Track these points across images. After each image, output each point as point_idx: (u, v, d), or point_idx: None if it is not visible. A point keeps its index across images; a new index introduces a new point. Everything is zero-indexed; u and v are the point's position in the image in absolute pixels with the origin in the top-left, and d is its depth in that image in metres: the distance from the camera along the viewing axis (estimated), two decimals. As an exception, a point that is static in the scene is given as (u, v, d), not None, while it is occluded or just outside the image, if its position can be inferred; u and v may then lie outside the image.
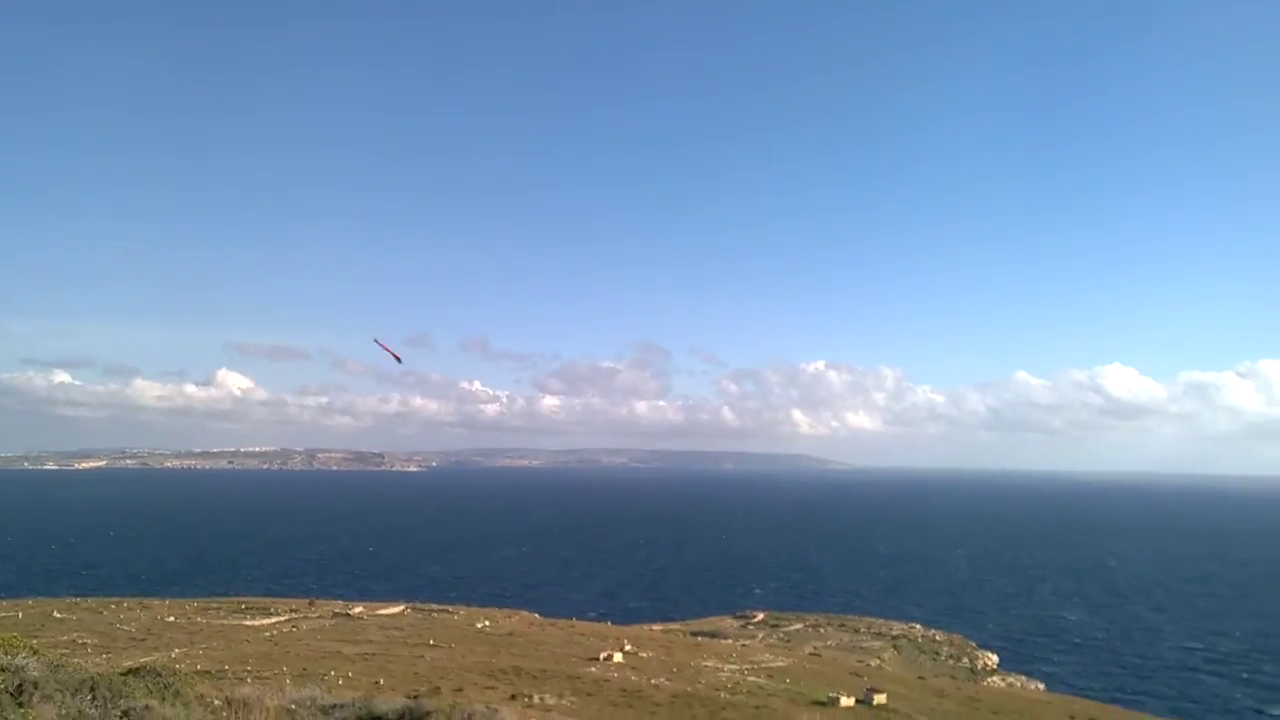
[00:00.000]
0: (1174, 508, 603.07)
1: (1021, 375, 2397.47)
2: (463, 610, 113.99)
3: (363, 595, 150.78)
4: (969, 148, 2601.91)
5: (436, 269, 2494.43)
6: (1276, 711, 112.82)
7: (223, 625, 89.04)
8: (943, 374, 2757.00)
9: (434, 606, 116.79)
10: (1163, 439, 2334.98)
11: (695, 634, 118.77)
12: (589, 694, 65.42)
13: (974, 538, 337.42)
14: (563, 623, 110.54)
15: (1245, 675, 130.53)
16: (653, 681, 71.31)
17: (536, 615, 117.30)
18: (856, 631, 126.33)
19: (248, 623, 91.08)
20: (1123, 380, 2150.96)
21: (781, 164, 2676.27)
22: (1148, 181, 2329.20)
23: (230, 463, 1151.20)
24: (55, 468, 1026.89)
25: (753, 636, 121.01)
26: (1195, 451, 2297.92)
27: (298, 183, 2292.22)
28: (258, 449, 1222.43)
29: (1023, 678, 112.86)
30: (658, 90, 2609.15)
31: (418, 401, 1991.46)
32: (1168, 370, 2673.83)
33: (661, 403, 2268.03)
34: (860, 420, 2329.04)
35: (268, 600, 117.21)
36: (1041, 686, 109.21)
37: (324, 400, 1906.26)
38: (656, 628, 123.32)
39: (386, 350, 62.71)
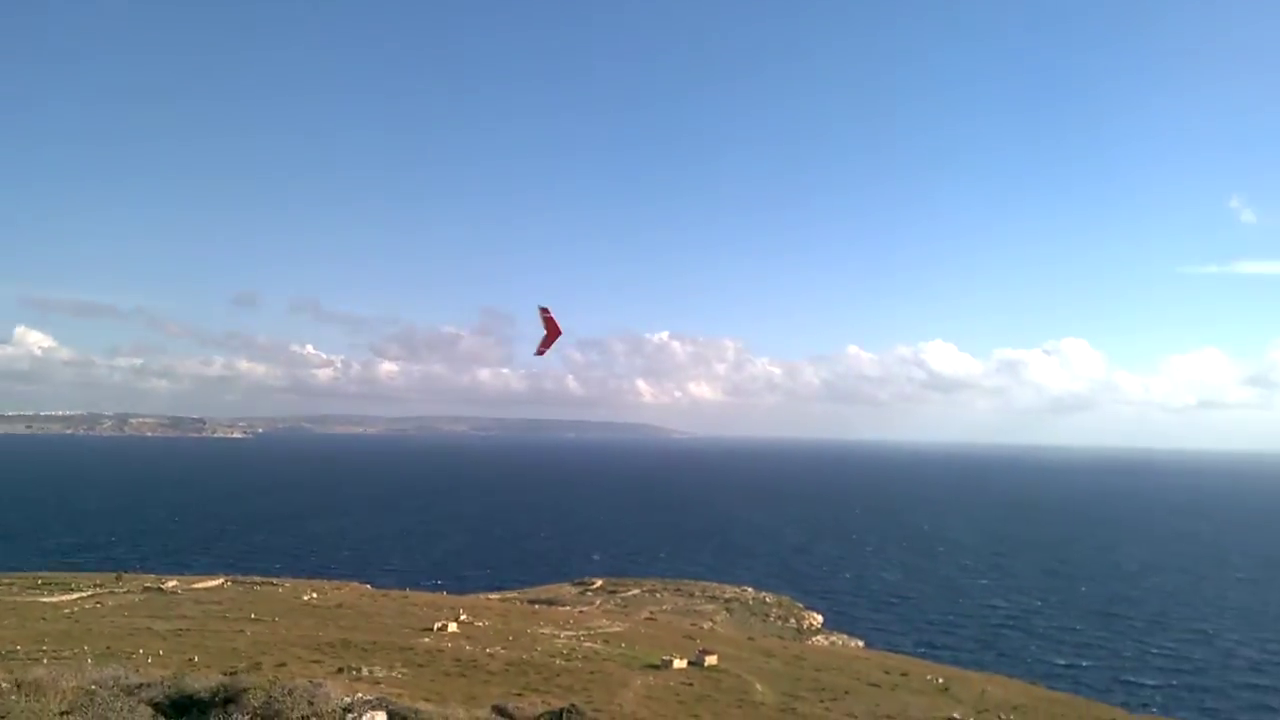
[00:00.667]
0: (984, 476, 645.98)
1: (853, 349, 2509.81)
2: (288, 583, 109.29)
3: (178, 568, 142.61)
4: (809, 134, 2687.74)
5: (262, 224, 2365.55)
6: (1062, 661, 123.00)
7: (15, 602, 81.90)
8: (781, 347, 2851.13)
9: (256, 579, 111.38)
10: (978, 411, 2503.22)
11: (533, 602, 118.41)
12: (421, 665, 63.80)
13: (804, 504, 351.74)
14: (396, 593, 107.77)
15: (1040, 628, 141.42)
16: (488, 650, 70.29)
17: (368, 586, 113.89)
18: (691, 595, 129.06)
19: (45, 599, 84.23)
20: (944, 356, 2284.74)
21: (628, 140, 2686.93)
22: (970, 177, 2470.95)
23: (28, 427, 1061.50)
24: None
25: (591, 603, 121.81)
26: (1006, 423, 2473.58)
27: (106, 134, 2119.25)
28: (61, 413, 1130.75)
29: (844, 636, 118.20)
30: (492, 62, 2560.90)
31: (243, 365, 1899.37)
32: (984, 347, 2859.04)
33: (505, 370, 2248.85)
34: (702, 390, 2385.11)
35: (69, 575, 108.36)
36: (861, 644, 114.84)
37: (138, 362, 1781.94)
38: (494, 596, 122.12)
39: (548, 322, 48.55)
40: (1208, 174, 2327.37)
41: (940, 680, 78.27)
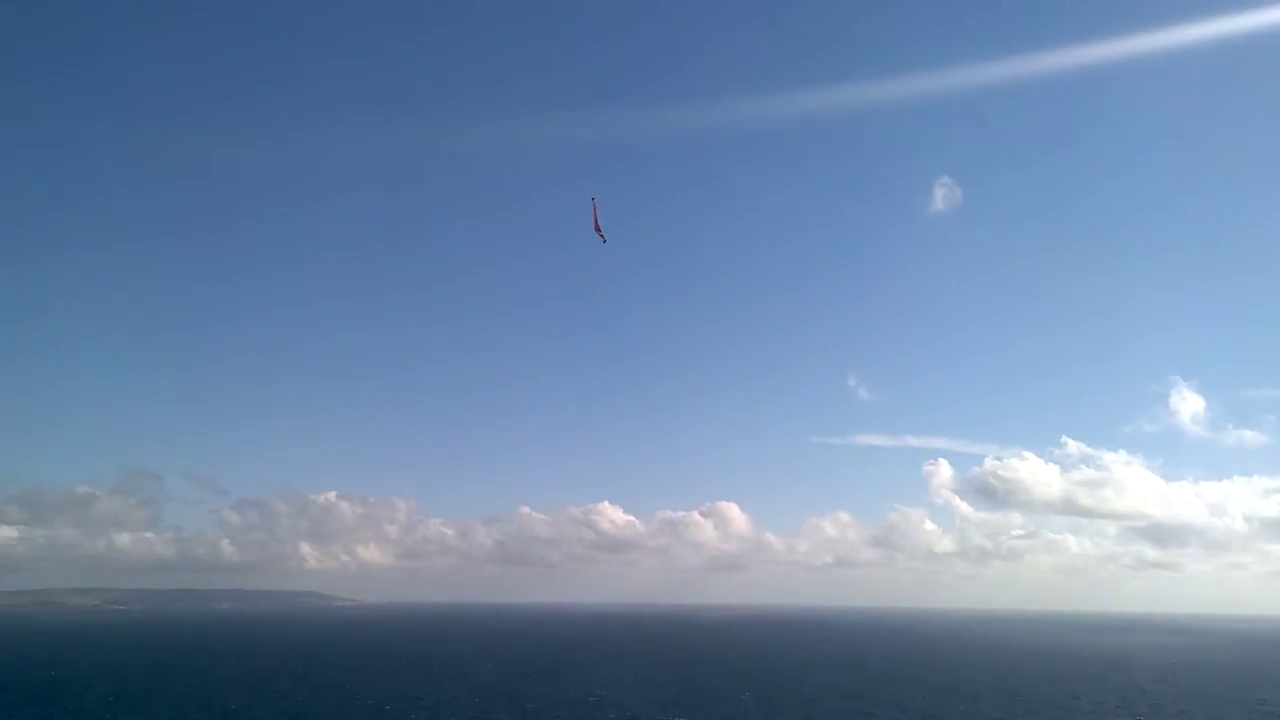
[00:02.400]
0: (651, 636, 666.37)
1: (525, 510, 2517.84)
2: None
3: None
4: (481, 296, 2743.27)
5: None
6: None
7: None
8: (454, 507, 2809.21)
9: None
10: (644, 571, 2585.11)
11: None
12: None
13: (473, 675, 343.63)
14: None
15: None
16: None
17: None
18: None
19: None
20: (611, 517, 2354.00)
21: (288, 292, 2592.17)
22: (627, 352, 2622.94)
23: None
24: None
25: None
26: (670, 582, 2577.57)
27: None
28: None
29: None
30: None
31: None
32: (647, 508, 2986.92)
33: (149, 534, 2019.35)
34: (371, 554, 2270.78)
35: None
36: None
37: None
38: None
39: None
40: (829, 354, 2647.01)
41: None
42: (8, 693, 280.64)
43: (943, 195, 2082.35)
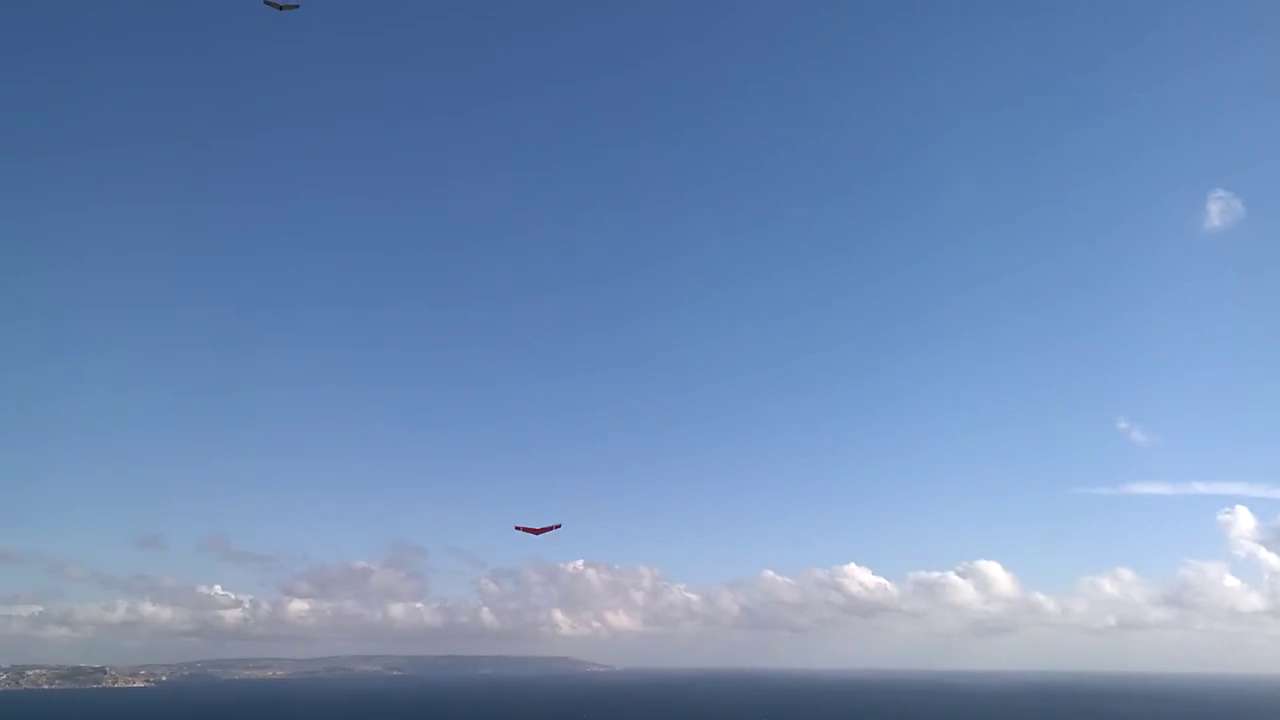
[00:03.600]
0: (911, 705, 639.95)
1: (769, 574, 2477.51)
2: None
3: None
4: (710, 358, 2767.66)
5: (168, 459, 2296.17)
6: None
7: None
8: (697, 573, 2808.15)
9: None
10: (900, 636, 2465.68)
11: None
12: None
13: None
14: None
15: None
16: None
17: None
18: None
19: None
20: (859, 579, 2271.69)
21: (528, 359, 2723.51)
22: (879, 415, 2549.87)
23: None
24: None
25: None
26: (928, 647, 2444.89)
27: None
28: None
29: None
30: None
31: (148, 609, 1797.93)
32: (897, 569, 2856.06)
33: (419, 604, 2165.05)
34: (620, 620, 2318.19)
35: None
36: None
37: (37, 610, 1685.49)
38: None
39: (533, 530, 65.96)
40: (1093, 394, 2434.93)
41: None
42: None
43: (1219, 210, 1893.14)
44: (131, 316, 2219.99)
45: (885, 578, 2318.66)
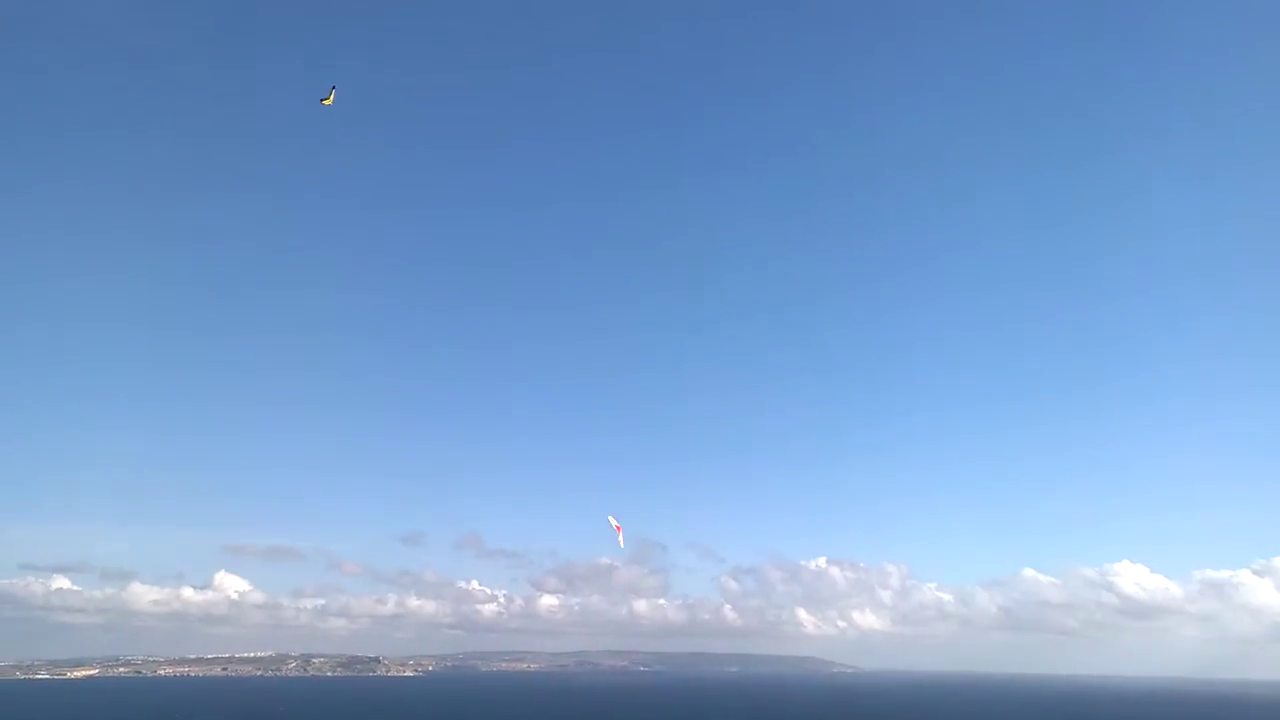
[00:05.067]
0: (1208, 718, 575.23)
1: (1029, 573, 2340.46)
2: None
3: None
4: (966, 341, 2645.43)
5: (428, 464, 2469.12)
6: None
7: None
8: (949, 571, 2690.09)
9: None
10: (1185, 640, 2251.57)
11: None
12: None
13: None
14: None
15: None
16: None
17: None
18: None
19: None
20: (1135, 578, 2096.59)
21: (777, 355, 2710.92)
22: (1148, 377, 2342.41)
23: (224, 669, 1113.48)
24: (47, 676, 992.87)
25: None
26: (1222, 654, 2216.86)
27: (287, 388, 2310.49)
28: (252, 654, 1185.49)
29: None
30: (641, 275, 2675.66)
31: (414, 602, 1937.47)
32: (1180, 568, 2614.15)
33: (662, 601, 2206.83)
34: (868, 620, 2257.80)
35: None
36: None
37: (320, 602, 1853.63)
38: None
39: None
40: None
41: None
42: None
43: None
44: (378, 343, 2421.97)
45: (1166, 576, 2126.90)
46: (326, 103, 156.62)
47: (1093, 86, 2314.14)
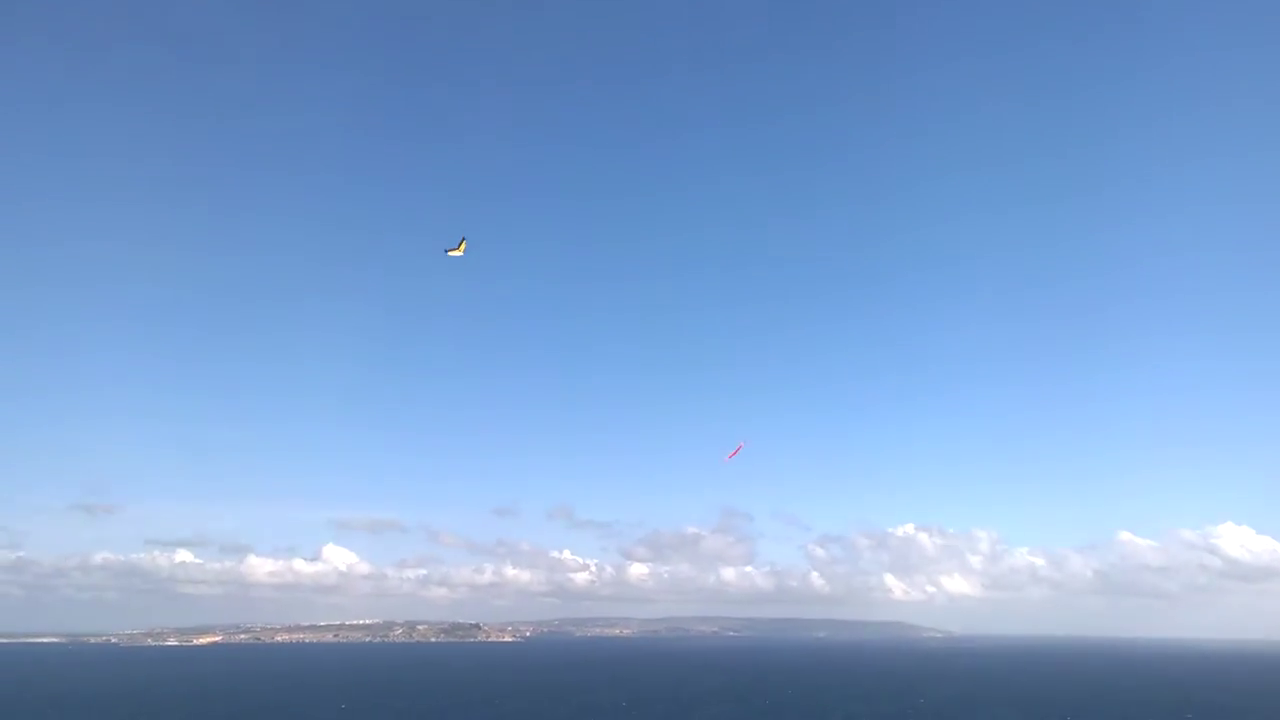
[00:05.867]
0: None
1: (1125, 536, 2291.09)
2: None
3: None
4: (1055, 299, 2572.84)
5: (521, 438, 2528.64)
6: None
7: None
8: (1041, 535, 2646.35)
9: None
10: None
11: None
12: None
13: (1090, 715, 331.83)
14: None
15: None
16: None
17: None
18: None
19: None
20: (1238, 539, 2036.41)
21: (856, 328, 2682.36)
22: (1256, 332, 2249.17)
23: (335, 636, 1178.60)
24: (176, 643, 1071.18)
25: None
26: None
27: (384, 375, 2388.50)
28: (361, 622, 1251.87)
29: None
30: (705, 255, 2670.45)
31: (510, 572, 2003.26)
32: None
33: (749, 569, 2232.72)
34: (957, 585, 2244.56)
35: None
36: None
37: (422, 573, 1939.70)
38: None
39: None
40: None
41: None
42: (689, 692, 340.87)
43: None
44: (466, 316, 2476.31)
45: (1274, 537, 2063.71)
46: (455, 253, 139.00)
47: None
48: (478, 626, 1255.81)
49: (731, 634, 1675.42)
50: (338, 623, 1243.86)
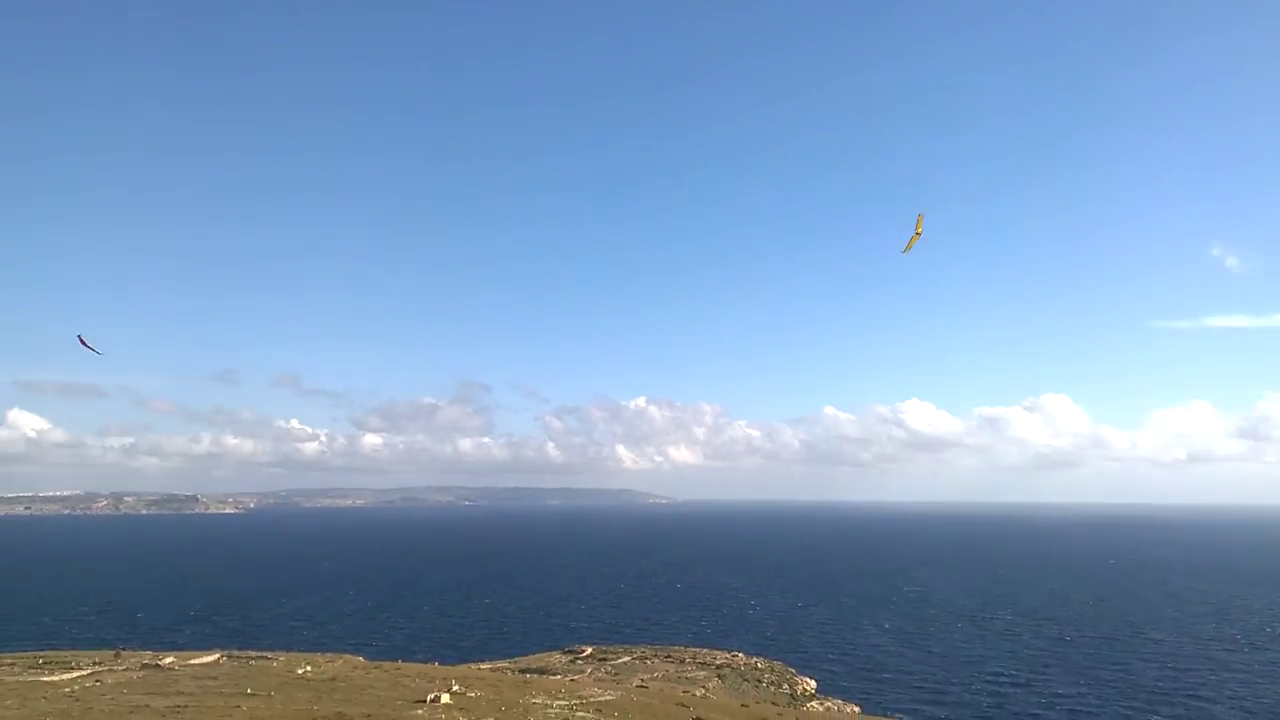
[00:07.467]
0: (973, 536, 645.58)
1: (830, 410, 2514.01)
2: (283, 656, 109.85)
3: (174, 645, 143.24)
4: (782, 194, 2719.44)
5: (239, 303, 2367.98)
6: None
7: (17, 682, 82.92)
8: (759, 409, 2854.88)
9: (251, 654, 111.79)
10: (961, 470, 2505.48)
11: (524, 671, 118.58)
12: (417, 736, 65.02)
13: (791, 569, 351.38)
14: (388, 665, 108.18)
15: (1041, 690, 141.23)
16: (482, 720, 71.44)
17: (361, 658, 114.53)
18: (682, 662, 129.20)
19: (46, 678, 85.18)
20: (922, 414, 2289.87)
21: (597, 197, 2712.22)
22: (943, 238, 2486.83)
23: (27, 508, 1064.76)
24: None
25: (581, 671, 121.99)
26: (990, 481, 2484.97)
27: (84, 214, 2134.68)
28: (58, 493, 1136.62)
29: (839, 701, 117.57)
30: (483, 105, 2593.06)
31: (230, 441, 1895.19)
32: (962, 405, 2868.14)
33: (486, 440, 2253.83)
34: (682, 454, 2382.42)
35: (69, 653, 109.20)
36: (857, 709, 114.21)
37: (129, 441, 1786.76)
38: (485, 666, 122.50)
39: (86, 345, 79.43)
40: (1185, 217, 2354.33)
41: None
42: (405, 558, 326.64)
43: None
44: (190, 158, 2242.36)
45: (950, 412, 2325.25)
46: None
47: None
48: (195, 498, 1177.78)
49: (468, 503, 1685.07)
50: (29, 494, 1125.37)
